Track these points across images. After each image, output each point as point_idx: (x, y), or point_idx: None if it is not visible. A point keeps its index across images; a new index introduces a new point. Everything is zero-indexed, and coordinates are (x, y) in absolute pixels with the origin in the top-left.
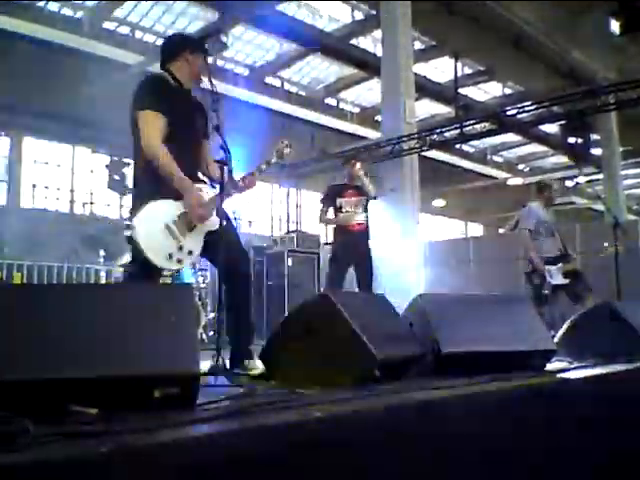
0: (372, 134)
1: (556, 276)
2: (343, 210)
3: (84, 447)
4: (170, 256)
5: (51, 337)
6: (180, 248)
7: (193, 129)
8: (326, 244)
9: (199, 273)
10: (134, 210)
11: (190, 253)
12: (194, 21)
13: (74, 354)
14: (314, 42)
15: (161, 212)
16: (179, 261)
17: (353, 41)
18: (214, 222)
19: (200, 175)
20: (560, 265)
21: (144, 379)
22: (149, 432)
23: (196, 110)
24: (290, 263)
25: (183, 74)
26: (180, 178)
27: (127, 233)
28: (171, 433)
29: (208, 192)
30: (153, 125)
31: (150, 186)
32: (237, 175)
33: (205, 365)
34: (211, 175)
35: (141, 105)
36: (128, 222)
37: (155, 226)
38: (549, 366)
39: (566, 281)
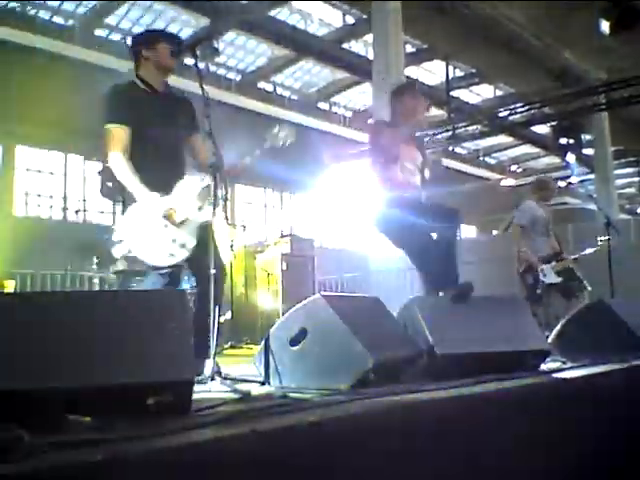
0: (365, 137)
1: (549, 275)
2: None
3: (79, 456)
4: (163, 252)
5: (43, 345)
6: (173, 241)
7: (170, 131)
8: None
9: (194, 279)
10: (122, 214)
11: (183, 246)
12: (185, 27)
13: (66, 362)
14: (306, 47)
15: (147, 210)
16: (171, 255)
17: (345, 45)
18: (206, 213)
19: (186, 172)
20: (553, 263)
21: (138, 386)
22: (144, 439)
23: (174, 110)
24: (284, 267)
25: (150, 75)
26: (136, 190)
27: (114, 238)
28: (166, 440)
29: (194, 185)
30: (115, 141)
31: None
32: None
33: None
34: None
35: (105, 118)
36: (114, 227)
37: (142, 224)
38: (543, 366)
39: (559, 279)
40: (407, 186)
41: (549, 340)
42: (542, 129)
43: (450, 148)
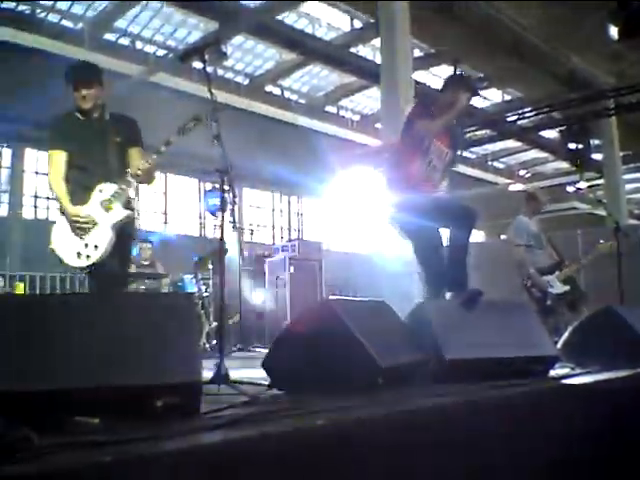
0: (372, 141)
1: (556, 285)
2: None
3: (87, 457)
4: (79, 254)
5: (53, 347)
6: (86, 245)
7: (100, 150)
8: None
9: (202, 282)
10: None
11: (96, 247)
12: (194, 31)
13: (76, 364)
14: (314, 51)
15: (67, 221)
16: (88, 257)
17: (352, 49)
18: (117, 215)
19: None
20: (557, 273)
21: (146, 389)
22: (152, 441)
23: (107, 130)
24: (292, 270)
25: (80, 104)
26: (64, 206)
27: (50, 247)
28: (174, 442)
29: (108, 190)
30: (53, 164)
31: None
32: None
33: (208, 374)
34: (135, 173)
35: (47, 145)
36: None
37: (63, 233)
38: (552, 372)
39: (567, 287)
40: (428, 182)
41: (558, 346)
42: (551, 134)
43: (458, 152)
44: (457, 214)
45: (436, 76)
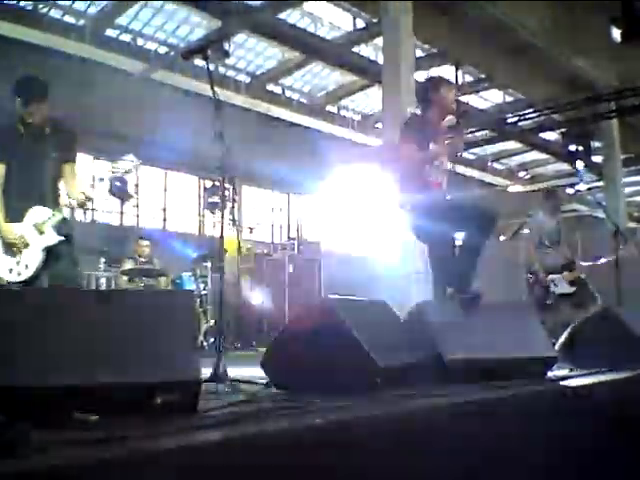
0: (373, 141)
1: (561, 284)
2: None
3: (85, 454)
4: (10, 270)
5: (51, 343)
6: (17, 263)
7: (37, 164)
8: None
9: (200, 280)
10: None
11: (27, 267)
12: (196, 29)
13: (75, 361)
14: (316, 50)
15: (1, 237)
16: (19, 274)
17: (355, 49)
18: (48, 240)
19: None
20: (565, 273)
21: (145, 386)
22: (150, 439)
23: (46, 144)
24: (291, 269)
25: (24, 119)
26: None
27: None
28: (172, 440)
29: (41, 214)
30: None
31: None
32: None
33: (206, 372)
34: (69, 195)
35: None
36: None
37: None
38: (550, 373)
39: (572, 289)
40: (437, 184)
41: (556, 347)
42: (551, 136)
43: (458, 153)
44: (476, 217)
45: None
